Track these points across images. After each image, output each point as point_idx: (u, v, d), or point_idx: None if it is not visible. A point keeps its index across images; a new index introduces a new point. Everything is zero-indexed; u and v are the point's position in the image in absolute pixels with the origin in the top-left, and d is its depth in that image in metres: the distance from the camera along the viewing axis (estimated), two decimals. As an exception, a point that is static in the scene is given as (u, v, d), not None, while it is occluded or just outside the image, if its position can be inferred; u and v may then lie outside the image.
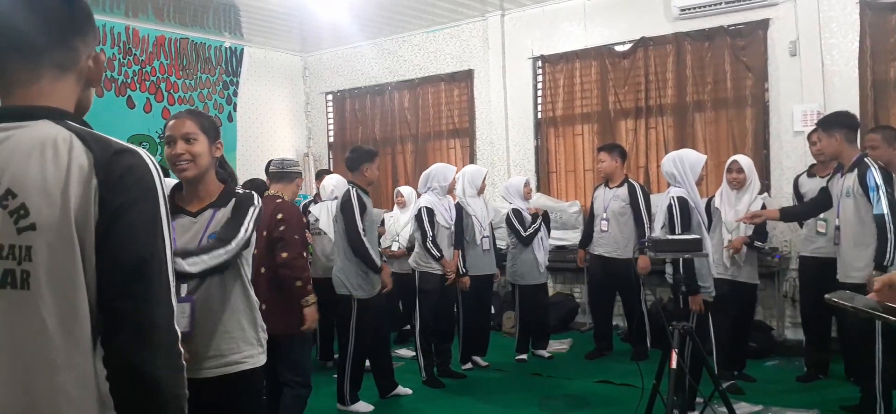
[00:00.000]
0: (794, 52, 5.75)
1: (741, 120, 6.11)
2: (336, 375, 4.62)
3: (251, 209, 2.32)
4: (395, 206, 6.49)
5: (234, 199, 2.35)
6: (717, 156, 5.97)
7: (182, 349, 1.14)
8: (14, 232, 1.07)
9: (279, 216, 3.47)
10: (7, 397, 1.07)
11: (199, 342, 2.27)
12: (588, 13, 6.78)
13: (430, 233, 4.92)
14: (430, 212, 4.97)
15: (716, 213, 4.65)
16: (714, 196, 4.78)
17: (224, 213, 2.32)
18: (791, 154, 5.79)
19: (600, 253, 5.53)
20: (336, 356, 5.78)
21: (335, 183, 5.65)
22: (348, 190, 4.46)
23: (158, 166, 1.16)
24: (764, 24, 5.90)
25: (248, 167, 7.33)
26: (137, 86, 7.04)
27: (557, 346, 5.93)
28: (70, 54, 1.19)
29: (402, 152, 8.18)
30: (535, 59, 7.17)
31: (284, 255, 3.40)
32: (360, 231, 4.32)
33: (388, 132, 8.30)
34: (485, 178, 5.49)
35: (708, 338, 4.10)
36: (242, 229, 2.26)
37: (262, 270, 3.40)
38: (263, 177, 6.47)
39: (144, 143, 6.89)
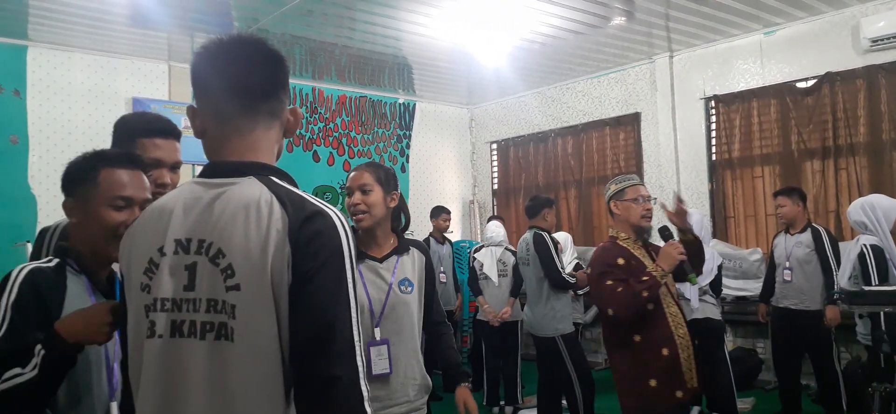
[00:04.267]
0: None
1: (951, 158, 5.43)
2: None
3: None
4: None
5: (411, 248, 2.46)
6: (923, 199, 5.33)
7: (369, 408, 1.16)
8: (224, 289, 1.16)
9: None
10: None
11: (396, 384, 2.31)
12: (765, 50, 6.41)
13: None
14: None
15: None
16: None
17: (407, 259, 2.42)
18: None
19: (785, 305, 5.08)
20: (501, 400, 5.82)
21: (494, 229, 5.76)
22: (538, 233, 4.80)
23: (347, 225, 1.22)
24: (976, 49, 5.25)
25: (422, 214, 7.65)
26: (322, 141, 7.75)
27: (740, 405, 5.50)
28: (278, 104, 1.30)
29: (566, 198, 8.15)
30: (708, 99, 6.88)
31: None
32: (560, 266, 4.72)
33: (551, 178, 8.33)
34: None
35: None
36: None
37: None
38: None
39: (328, 195, 7.52)
